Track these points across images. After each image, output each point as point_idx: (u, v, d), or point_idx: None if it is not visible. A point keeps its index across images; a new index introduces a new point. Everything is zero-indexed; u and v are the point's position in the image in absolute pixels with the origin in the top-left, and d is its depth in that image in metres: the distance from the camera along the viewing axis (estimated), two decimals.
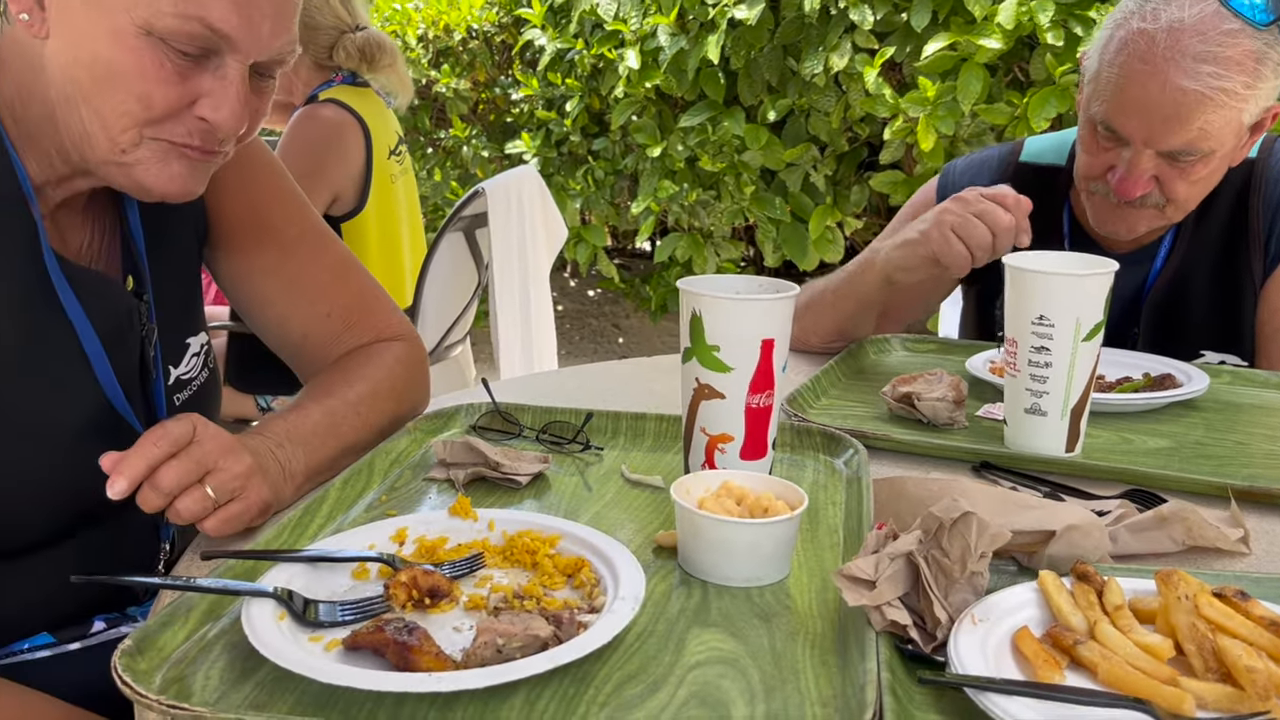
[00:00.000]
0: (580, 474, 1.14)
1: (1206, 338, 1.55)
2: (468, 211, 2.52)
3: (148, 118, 0.91)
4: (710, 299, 1.01)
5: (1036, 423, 1.19)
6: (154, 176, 0.94)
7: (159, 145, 0.93)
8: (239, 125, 0.95)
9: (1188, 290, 1.54)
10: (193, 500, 0.89)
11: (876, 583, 0.79)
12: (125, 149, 0.92)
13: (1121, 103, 1.37)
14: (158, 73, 0.89)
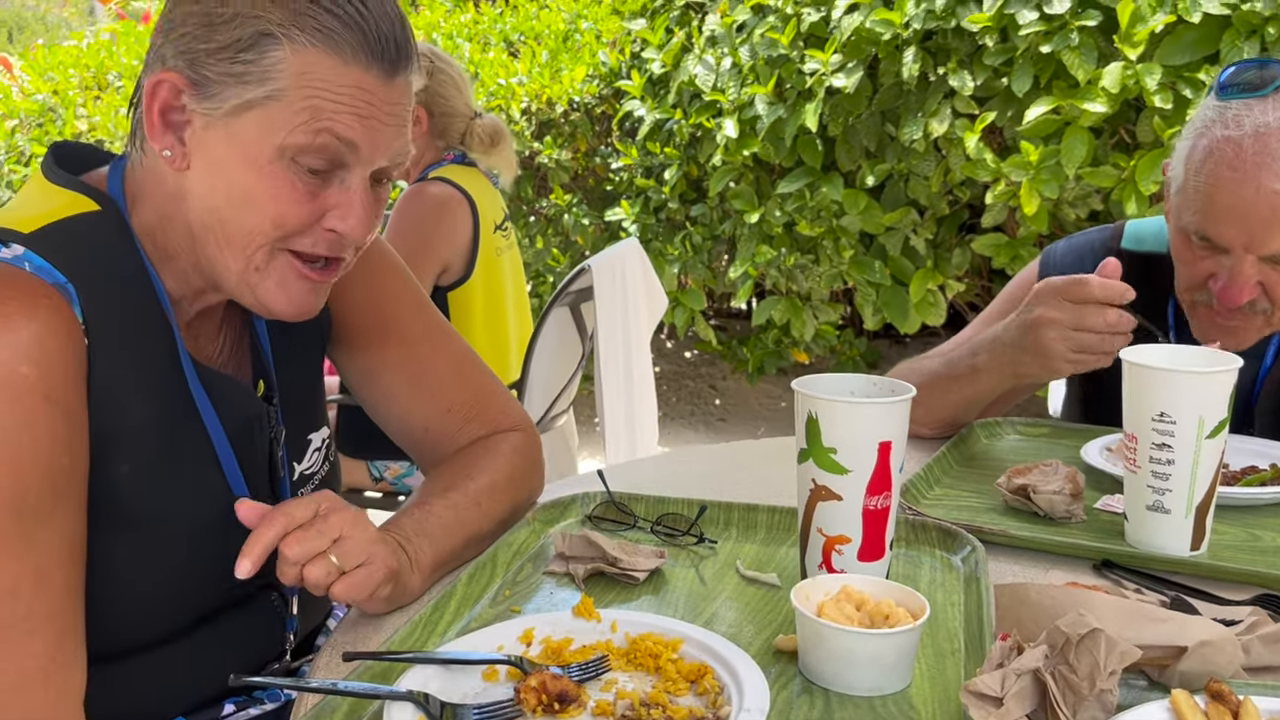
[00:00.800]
0: (695, 568, 1.16)
1: None
2: (574, 287, 2.59)
3: (278, 236, 0.97)
4: (826, 402, 1.02)
5: (1159, 520, 1.16)
6: (275, 298, 1.00)
7: (286, 261, 0.98)
8: (365, 232, 1.01)
9: None
10: (318, 569, 0.94)
11: (1004, 699, 0.79)
12: (259, 266, 0.98)
13: (1215, 212, 1.35)
14: (291, 193, 0.95)
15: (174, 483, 1.01)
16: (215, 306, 1.08)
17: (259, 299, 1.00)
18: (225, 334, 1.11)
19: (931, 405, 1.56)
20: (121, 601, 0.99)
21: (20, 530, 0.87)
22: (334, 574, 0.95)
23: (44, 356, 0.87)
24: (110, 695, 0.99)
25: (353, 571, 0.97)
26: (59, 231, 0.95)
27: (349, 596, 0.97)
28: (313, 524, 0.95)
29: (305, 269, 1.00)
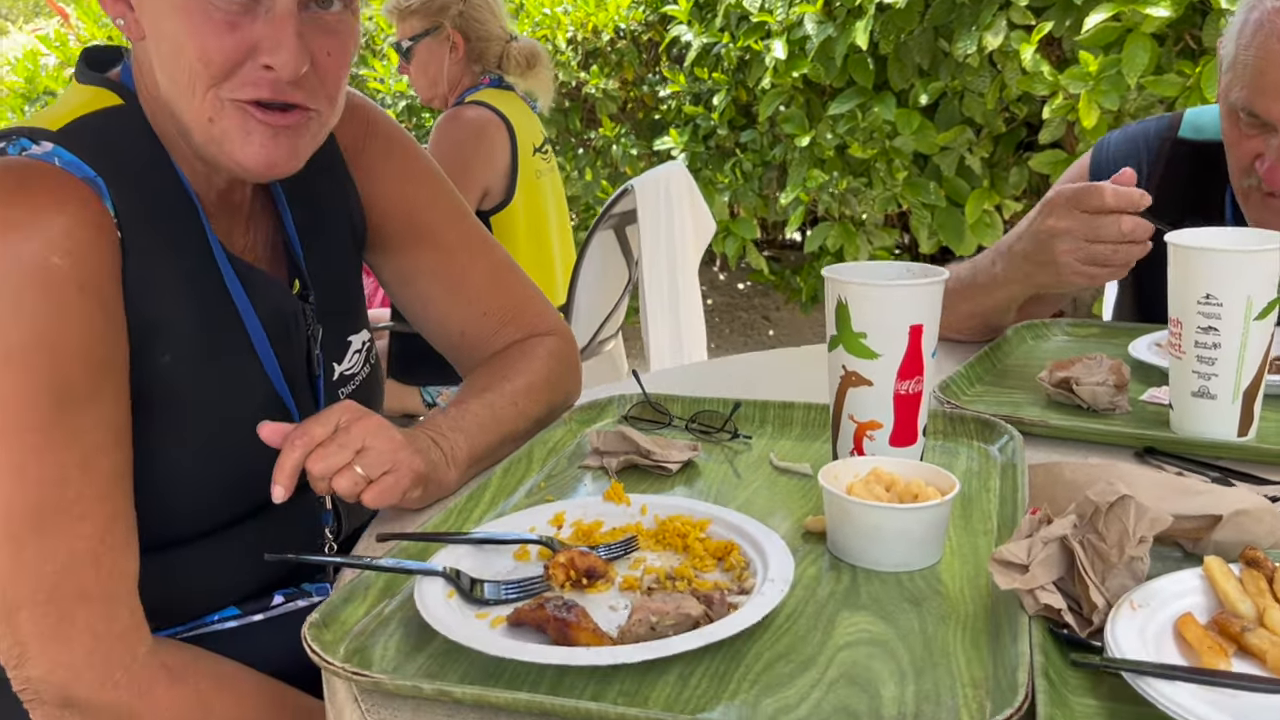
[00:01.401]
0: (729, 462, 1.16)
1: None
2: (618, 209, 2.57)
3: (212, 75, 0.93)
4: (856, 286, 1.01)
5: (1205, 406, 1.14)
6: (240, 150, 0.96)
7: (236, 110, 0.95)
8: (299, 64, 0.94)
9: None
10: (344, 480, 0.95)
11: (1030, 567, 0.78)
12: (211, 117, 0.95)
13: (1262, 85, 1.31)
14: (207, 24, 0.92)
15: (216, 374, 1.03)
16: (239, 202, 1.09)
17: (230, 155, 0.97)
18: (255, 232, 1.13)
19: (958, 311, 1.53)
20: (170, 493, 1.02)
21: (65, 419, 0.90)
22: (361, 483, 0.97)
23: (75, 248, 0.90)
24: (161, 585, 1.02)
25: (380, 479, 0.98)
26: (85, 127, 0.97)
27: (379, 503, 0.99)
28: (334, 438, 0.96)
29: (259, 113, 0.96)
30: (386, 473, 0.99)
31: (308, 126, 1.01)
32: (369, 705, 0.73)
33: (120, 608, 0.93)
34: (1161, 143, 1.58)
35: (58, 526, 0.90)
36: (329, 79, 1.00)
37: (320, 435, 0.96)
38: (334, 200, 1.20)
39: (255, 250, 1.13)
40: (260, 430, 0.97)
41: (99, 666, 0.91)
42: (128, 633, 0.93)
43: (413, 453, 1.02)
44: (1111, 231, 1.28)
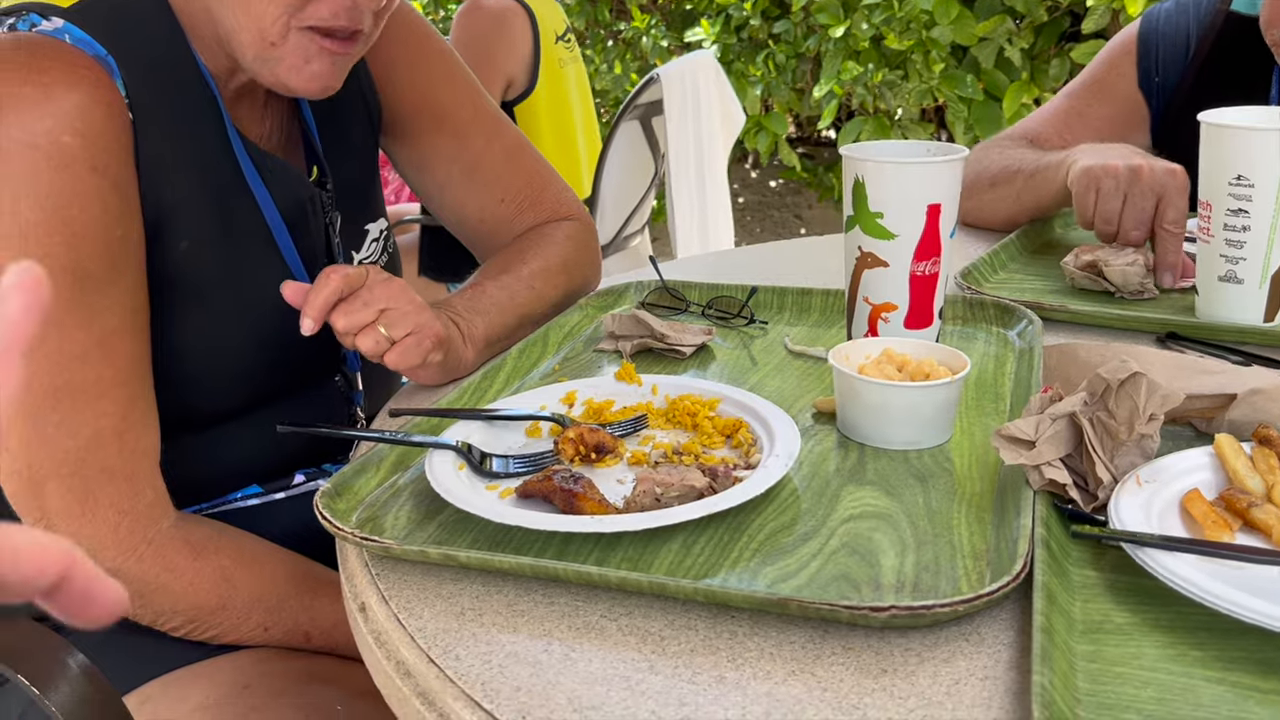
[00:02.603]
0: (744, 346, 1.16)
1: None
2: (643, 99, 2.53)
3: (290, 3, 0.93)
4: (873, 164, 0.99)
5: (1231, 291, 1.11)
6: (295, 75, 0.97)
7: (304, 37, 0.95)
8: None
9: None
10: (367, 339, 0.96)
11: (1036, 443, 0.78)
12: (274, 42, 0.95)
13: None
14: None
15: (233, 259, 1.04)
16: (255, 88, 1.08)
17: (278, 77, 0.98)
18: (271, 119, 1.12)
19: (1000, 200, 1.50)
20: (193, 375, 1.04)
21: (83, 298, 0.91)
22: (384, 343, 0.98)
23: (87, 127, 0.89)
24: (185, 464, 1.05)
25: (402, 340, 0.99)
26: (98, 4, 0.96)
27: (401, 363, 0.99)
28: (359, 295, 0.97)
29: (325, 42, 0.97)
30: (409, 334, 0.99)
31: (360, 48, 1.01)
32: (379, 570, 0.75)
33: (143, 484, 0.95)
34: (1214, 15, 1.52)
35: (79, 403, 0.91)
36: (387, 5, 1.00)
37: (355, 276, 0.96)
38: (349, 87, 1.19)
39: (272, 137, 1.13)
40: (283, 288, 0.96)
41: (124, 540, 0.94)
42: (151, 508, 0.96)
43: (434, 316, 1.02)
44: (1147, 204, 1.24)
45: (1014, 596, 0.68)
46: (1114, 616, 0.65)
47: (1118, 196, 1.25)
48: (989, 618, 0.67)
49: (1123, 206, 1.25)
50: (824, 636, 0.65)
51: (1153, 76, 1.53)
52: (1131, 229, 1.25)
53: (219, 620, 0.97)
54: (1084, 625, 0.64)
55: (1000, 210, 1.52)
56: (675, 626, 0.67)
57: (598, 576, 0.69)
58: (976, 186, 1.53)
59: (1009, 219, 1.51)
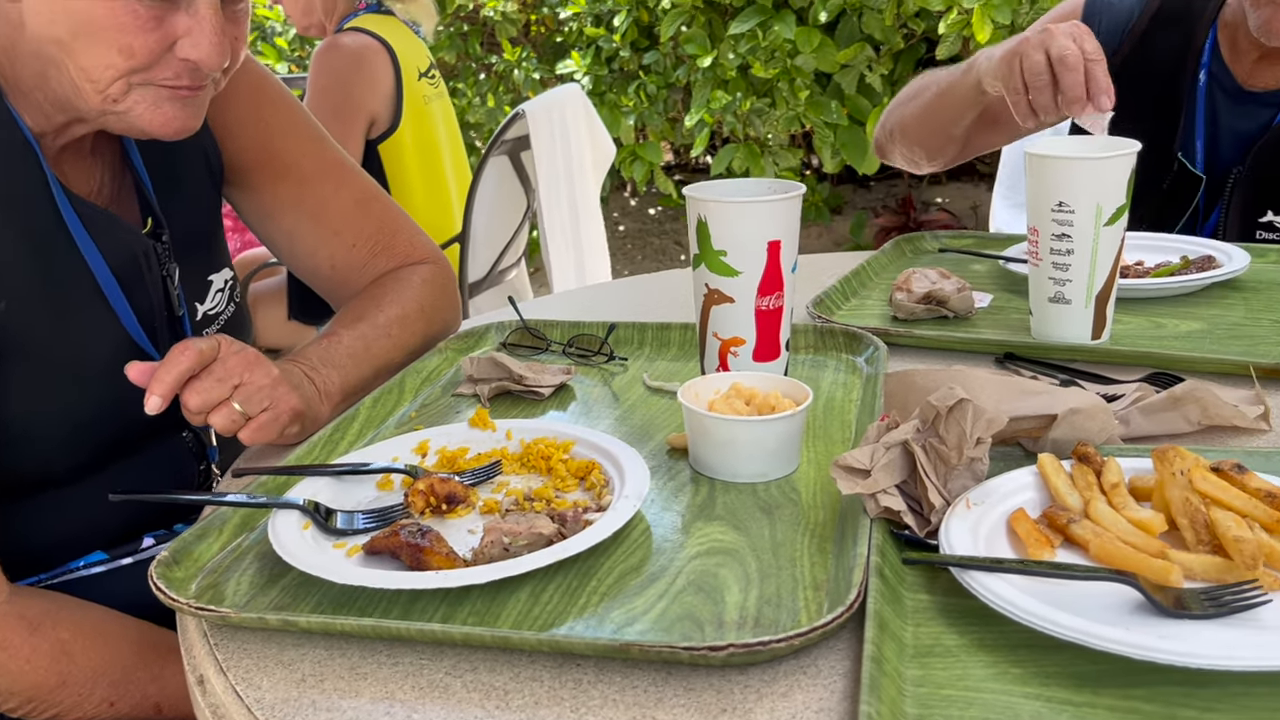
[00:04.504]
0: (604, 384, 1.17)
1: None
2: (510, 134, 2.53)
3: (130, 67, 0.93)
4: (714, 204, 1.01)
5: (1061, 311, 1.17)
6: (149, 120, 0.96)
7: (149, 91, 0.95)
8: (221, 59, 0.96)
9: None
10: (221, 417, 0.94)
11: (872, 471, 0.81)
12: (116, 99, 0.94)
13: None
14: (133, 21, 0.91)
15: (60, 317, 1.00)
16: (82, 139, 1.05)
17: (130, 123, 0.97)
18: (100, 172, 1.08)
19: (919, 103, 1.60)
20: (23, 439, 1.00)
21: None
22: (239, 420, 0.96)
23: None
24: (19, 532, 1.00)
25: (258, 416, 0.97)
26: None
27: (256, 440, 0.98)
28: (211, 371, 0.94)
29: (172, 91, 0.96)
30: (265, 410, 0.97)
31: (210, 91, 1.02)
32: (217, 640, 0.73)
33: None
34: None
35: None
36: (233, 59, 1.01)
37: (209, 351, 0.94)
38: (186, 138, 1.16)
39: (103, 191, 1.09)
40: (128, 370, 0.94)
41: None
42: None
43: (290, 389, 1.00)
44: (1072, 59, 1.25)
45: (850, 626, 0.70)
46: (944, 639, 0.68)
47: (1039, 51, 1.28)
48: (827, 649, 0.69)
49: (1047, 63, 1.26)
50: (666, 679, 0.66)
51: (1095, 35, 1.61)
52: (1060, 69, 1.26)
53: (59, 699, 0.93)
54: (915, 650, 0.67)
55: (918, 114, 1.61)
56: (520, 679, 0.67)
57: (441, 633, 0.68)
58: (900, 100, 1.66)
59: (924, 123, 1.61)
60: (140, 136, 0.99)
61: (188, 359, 0.92)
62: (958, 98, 1.52)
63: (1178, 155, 1.57)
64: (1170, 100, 1.57)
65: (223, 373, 0.95)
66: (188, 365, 0.92)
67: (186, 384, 0.93)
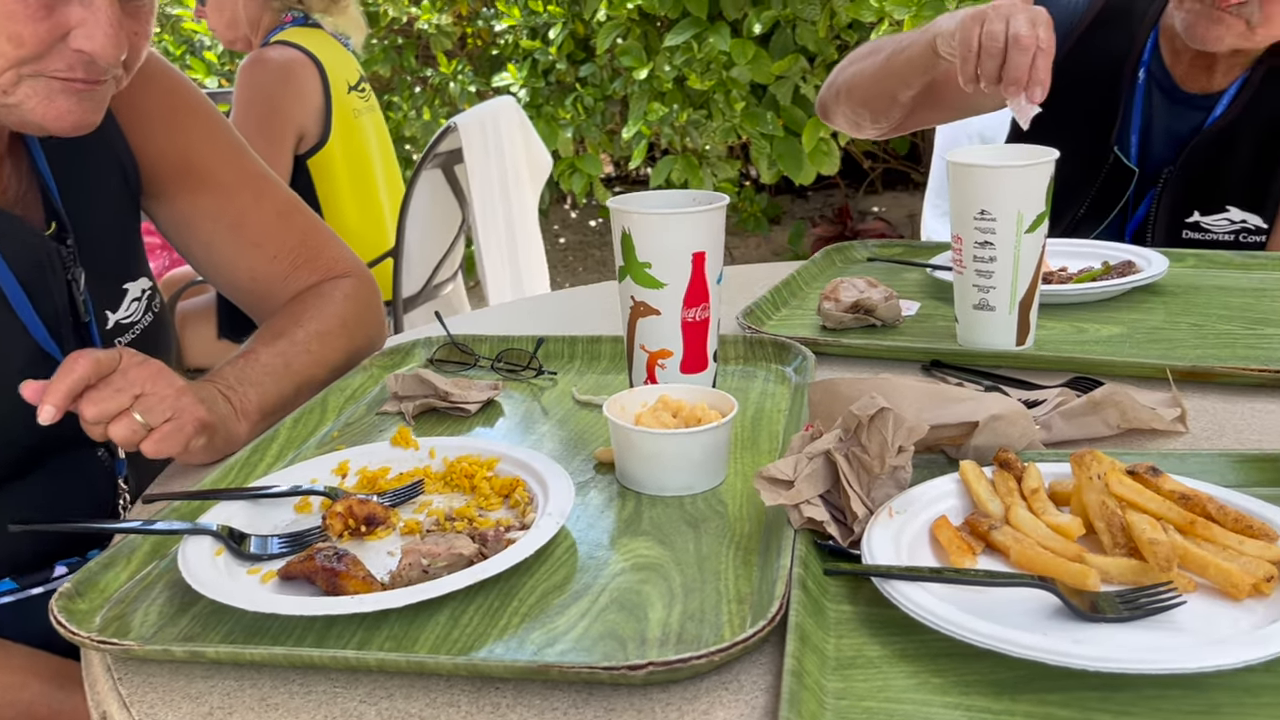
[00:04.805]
0: (532, 399, 1.16)
1: (1237, 194, 1.56)
2: (443, 148, 2.51)
3: (20, 56, 0.90)
4: (638, 215, 1.01)
5: (985, 318, 1.19)
6: (42, 114, 0.93)
7: (40, 82, 0.92)
8: (117, 52, 0.93)
9: (1235, 144, 1.55)
10: (121, 427, 0.91)
11: (795, 482, 0.80)
12: (6, 90, 0.91)
13: None
14: (22, 9, 0.88)
15: None
16: None
17: (22, 117, 0.94)
18: (4, 173, 1.05)
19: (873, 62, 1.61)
20: None
21: None
22: (140, 431, 0.93)
23: None
24: None
25: (160, 427, 0.94)
26: None
27: (160, 452, 0.94)
28: (110, 382, 0.91)
29: (65, 84, 0.93)
30: (168, 420, 0.94)
31: (110, 87, 0.99)
32: (122, 674, 0.70)
33: None
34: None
35: None
36: (133, 55, 0.98)
37: (106, 361, 0.91)
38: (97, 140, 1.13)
39: (6, 193, 1.06)
40: (23, 390, 0.91)
41: None
42: None
43: (196, 400, 0.97)
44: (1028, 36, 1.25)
45: (774, 639, 0.69)
46: (866, 650, 0.67)
47: (1002, 21, 1.28)
48: (750, 663, 0.68)
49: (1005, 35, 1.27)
50: (587, 700, 0.65)
51: None
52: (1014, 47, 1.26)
53: None
54: (837, 662, 0.66)
55: (870, 73, 1.62)
56: (437, 704, 0.65)
57: (355, 660, 0.67)
58: (854, 58, 1.68)
59: (876, 82, 1.61)
60: (37, 133, 0.96)
61: (81, 367, 0.89)
62: (912, 58, 1.52)
63: (1114, 149, 1.60)
64: (1110, 96, 1.60)
65: (122, 383, 0.91)
66: (81, 374, 0.89)
67: (83, 394, 0.90)
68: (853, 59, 1.71)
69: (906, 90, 1.59)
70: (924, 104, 1.66)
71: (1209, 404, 1.03)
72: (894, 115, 1.68)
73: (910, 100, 1.62)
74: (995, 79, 1.28)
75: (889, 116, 1.68)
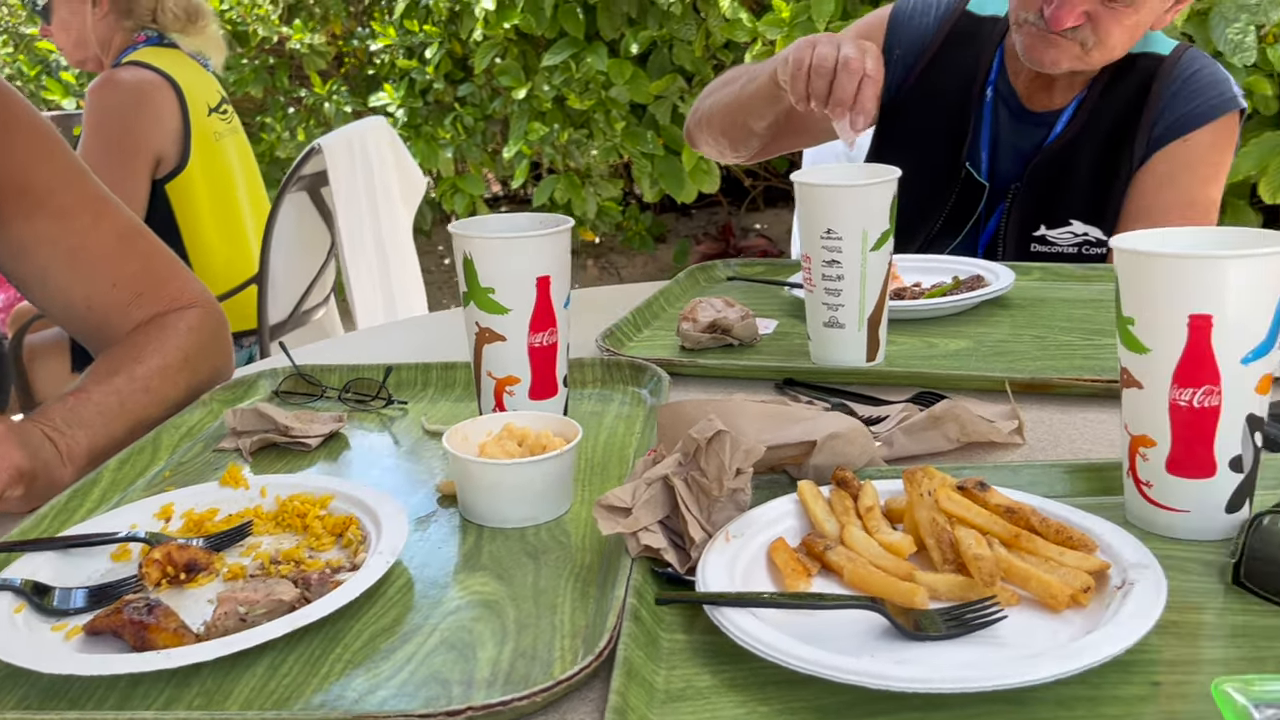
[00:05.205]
0: (380, 430, 1.12)
1: (1079, 208, 1.61)
2: (308, 170, 2.44)
3: None
4: (479, 240, 0.99)
5: (836, 335, 1.20)
6: None
7: None
8: None
9: (1075, 160, 1.60)
10: None
11: (633, 509, 0.79)
12: None
13: None
14: None
15: None
16: None
17: None
18: None
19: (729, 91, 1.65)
20: None
21: None
22: None
23: None
24: None
25: None
26: None
27: None
28: None
29: None
30: None
31: None
32: None
33: None
34: (953, 11, 1.71)
35: None
36: None
37: None
38: None
39: None
40: None
41: None
42: None
43: (14, 445, 0.91)
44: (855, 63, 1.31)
45: (604, 675, 0.67)
46: (696, 681, 0.66)
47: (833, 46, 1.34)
48: (580, 699, 0.66)
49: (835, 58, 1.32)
50: None
51: (894, 50, 1.71)
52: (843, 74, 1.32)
53: None
54: (666, 694, 0.65)
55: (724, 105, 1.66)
56: None
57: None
58: (712, 88, 1.72)
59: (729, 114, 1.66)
60: None
61: None
62: (759, 89, 1.56)
63: (965, 165, 1.64)
64: (961, 114, 1.65)
65: None
66: None
67: None
68: (711, 89, 1.75)
69: (759, 121, 1.62)
70: (785, 131, 1.69)
71: (1046, 415, 1.06)
72: (752, 144, 1.71)
73: (767, 129, 1.65)
74: (824, 99, 1.33)
75: (748, 145, 1.72)
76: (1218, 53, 2.97)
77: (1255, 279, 0.73)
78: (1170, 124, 1.56)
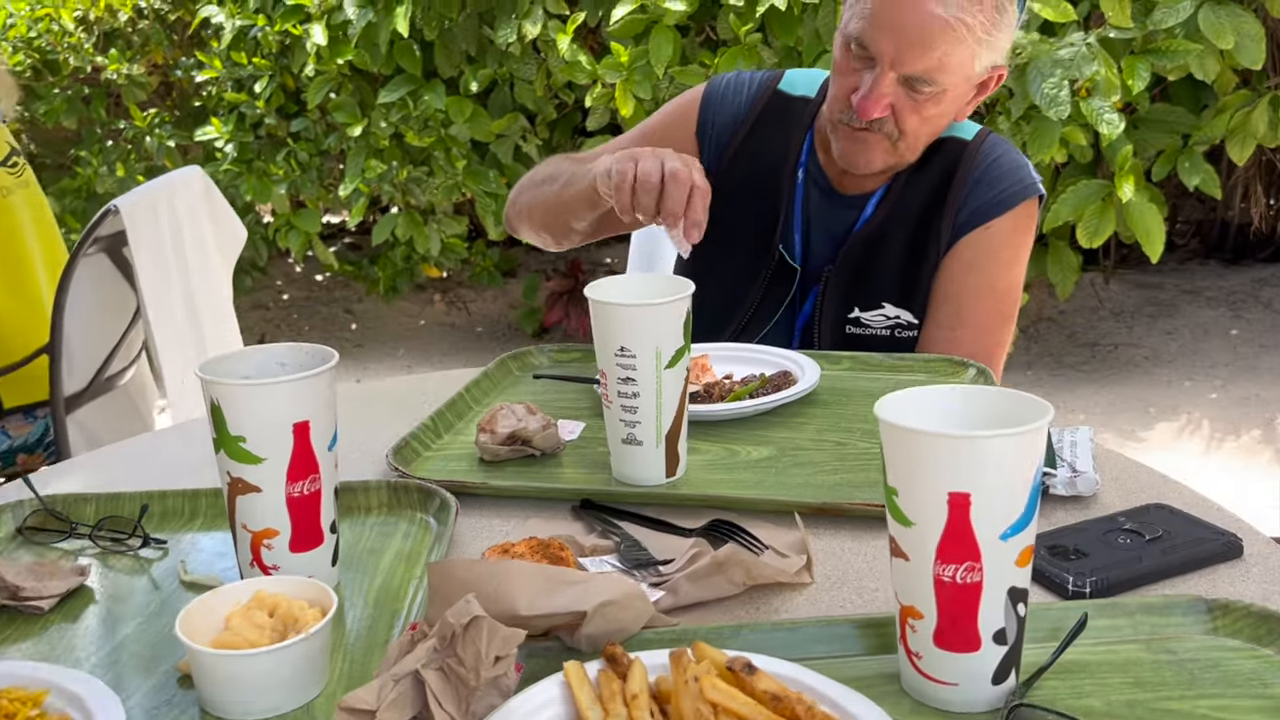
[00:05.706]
0: (133, 578, 1.02)
1: (890, 291, 1.61)
2: (105, 230, 2.27)
3: None
4: (226, 386, 0.90)
5: (634, 452, 1.16)
6: None
7: None
8: None
9: (884, 243, 1.61)
10: None
11: (378, 712, 0.72)
12: None
13: (876, 20, 1.43)
14: None
15: None
16: None
17: None
18: None
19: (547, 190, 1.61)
20: None
21: None
22: None
23: None
24: None
25: None
26: None
27: None
28: None
29: None
30: None
31: None
32: None
33: None
34: (765, 90, 1.70)
35: None
36: None
37: None
38: None
39: None
40: None
41: None
42: None
43: None
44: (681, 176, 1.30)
45: None
46: None
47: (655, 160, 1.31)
48: None
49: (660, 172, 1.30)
50: None
51: (709, 128, 1.69)
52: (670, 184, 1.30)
53: None
54: None
55: (544, 203, 1.63)
56: None
57: None
58: (530, 182, 1.68)
59: (549, 212, 1.62)
60: None
61: None
62: (578, 193, 1.53)
63: (779, 248, 1.63)
64: (773, 198, 1.64)
65: None
66: None
67: None
68: (527, 184, 1.71)
69: (580, 221, 1.59)
70: (607, 225, 1.66)
71: (838, 544, 1.04)
72: (574, 238, 1.68)
73: (589, 226, 1.63)
74: (652, 213, 1.32)
75: (570, 239, 1.69)
76: (1033, 106, 3.09)
77: (1012, 456, 0.72)
78: (973, 211, 1.58)
